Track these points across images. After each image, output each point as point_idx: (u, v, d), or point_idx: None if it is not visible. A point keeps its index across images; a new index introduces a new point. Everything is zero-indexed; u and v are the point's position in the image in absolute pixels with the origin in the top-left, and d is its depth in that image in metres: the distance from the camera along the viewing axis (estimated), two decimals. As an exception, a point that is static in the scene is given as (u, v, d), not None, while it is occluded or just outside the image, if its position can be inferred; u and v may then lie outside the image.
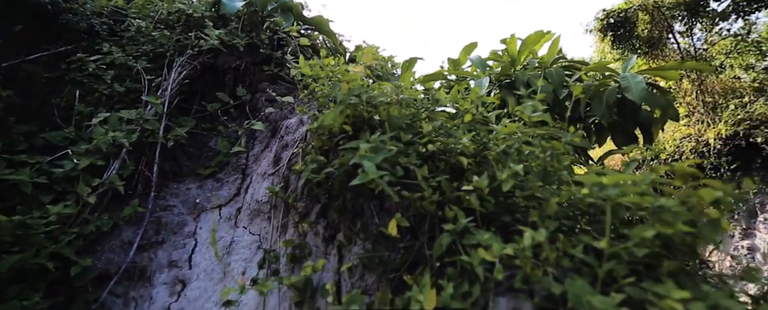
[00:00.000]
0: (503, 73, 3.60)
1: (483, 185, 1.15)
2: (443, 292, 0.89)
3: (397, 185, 1.18)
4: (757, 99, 6.33)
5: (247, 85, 2.41)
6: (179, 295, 1.47)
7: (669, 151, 7.69)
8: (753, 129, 6.18)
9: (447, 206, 1.16)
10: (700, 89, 7.41)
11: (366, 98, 1.38)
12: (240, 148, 1.93)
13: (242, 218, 1.74)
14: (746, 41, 6.90)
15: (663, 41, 7.50)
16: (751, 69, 6.57)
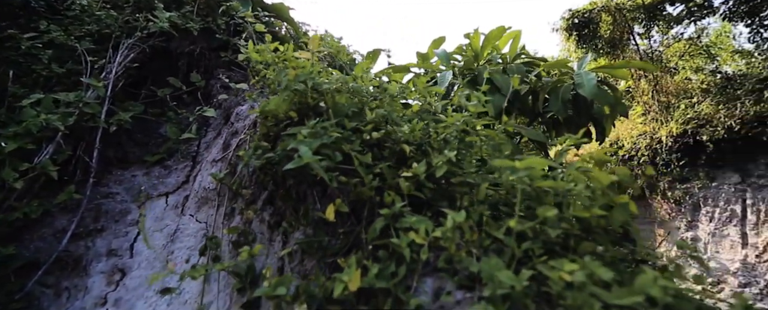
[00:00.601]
0: (467, 68, 3.67)
1: (420, 171, 1.18)
2: (369, 272, 0.91)
3: (337, 171, 1.19)
4: (704, 100, 6.76)
5: (202, 71, 2.34)
6: (118, 284, 1.43)
7: (627, 148, 8.11)
8: (700, 128, 6.61)
9: (386, 192, 1.18)
10: (655, 89, 7.83)
11: (312, 85, 1.38)
12: (190, 135, 1.88)
13: (190, 205, 1.70)
14: (697, 45, 7.34)
15: (624, 42, 7.85)
16: (700, 71, 7.00)
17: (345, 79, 1.54)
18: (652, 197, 7.72)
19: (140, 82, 2.20)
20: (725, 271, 6.08)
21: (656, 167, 7.47)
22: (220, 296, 1.40)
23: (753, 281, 5.59)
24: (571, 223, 1.10)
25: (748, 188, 6.18)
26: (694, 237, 6.84)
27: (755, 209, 6.00)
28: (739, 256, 5.96)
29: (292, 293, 0.99)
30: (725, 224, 6.37)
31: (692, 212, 6.97)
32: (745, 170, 6.26)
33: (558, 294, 0.75)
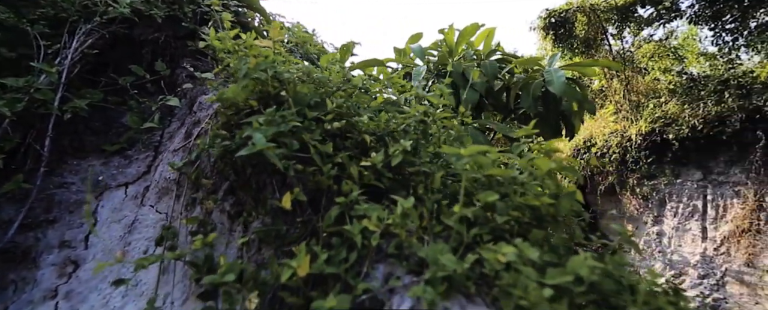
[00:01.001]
0: (441, 63, 3.70)
1: (378, 160, 1.19)
2: (318, 258, 0.92)
3: (294, 159, 1.19)
4: (671, 99, 7.04)
5: (168, 59, 2.28)
6: (70, 276, 1.39)
7: (599, 146, 8.38)
8: (666, 126, 6.89)
9: (344, 181, 1.19)
10: (626, 89, 8.11)
11: (273, 73, 1.36)
12: (153, 125, 1.83)
13: (150, 196, 1.66)
14: (665, 47, 7.63)
15: (598, 42, 8.08)
16: (668, 72, 7.28)
17: (309, 68, 1.53)
18: (622, 193, 8.01)
19: (101, 69, 2.12)
20: (686, 264, 6.39)
21: (626, 165, 7.75)
22: (177, 287, 1.38)
23: (711, 272, 5.90)
24: (522, 211, 1.13)
25: (708, 184, 6.49)
26: (659, 231, 7.16)
27: (715, 205, 6.31)
28: (699, 249, 6.27)
29: (243, 280, 0.98)
30: (688, 218, 6.68)
31: (658, 207, 7.28)
32: (706, 167, 6.57)
33: (495, 276, 0.77)
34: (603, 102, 8.95)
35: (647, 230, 7.35)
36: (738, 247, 5.63)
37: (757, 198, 5.61)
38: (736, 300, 5.35)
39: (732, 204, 6.03)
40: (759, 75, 6.13)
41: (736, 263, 5.57)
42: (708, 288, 5.77)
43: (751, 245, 5.46)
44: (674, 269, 6.51)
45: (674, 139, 6.75)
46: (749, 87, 6.08)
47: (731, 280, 5.55)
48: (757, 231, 5.45)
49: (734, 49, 6.64)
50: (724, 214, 6.13)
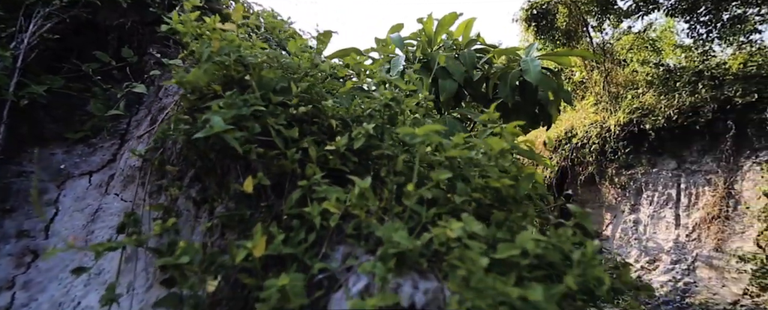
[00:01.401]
0: (420, 53, 3.70)
1: (341, 144, 1.19)
2: (275, 239, 0.91)
3: (256, 143, 1.18)
4: (649, 90, 7.21)
5: (136, 46, 2.21)
6: (29, 266, 1.35)
7: (580, 136, 8.55)
8: (643, 117, 7.06)
9: (307, 165, 1.18)
10: (606, 81, 8.27)
11: (236, 57, 1.34)
12: (118, 112, 1.78)
13: (115, 184, 1.62)
14: (644, 39, 7.78)
15: (579, 34, 8.18)
16: (646, 64, 7.45)
17: (276, 54, 1.51)
18: (601, 183, 8.22)
19: (65, 56, 2.04)
20: (660, 250, 6.62)
21: (605, 155, 7.94)
22: (141, 275, 1.35)
23: (682, 258, 6.13)
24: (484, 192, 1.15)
25: (682, 173, 6.71)
26: (636, 219, 7.38)
27: (688, 193, 6.54)
28: (673, 236, 6.49)
29: (198, 262, 0.97)
30: (662, 206, 6.90)
31: (635, 196, 7.50)
32: (681, 156, 6.78)
33: (446, 251, 0.78)
34: (584, 93, 9.11)
35: (624, 218, 7.57)
36: (708, 233, 5.85)
37: (726, 186, 5.82)
38: (705, 284, 5.58)
39: (703, 192, 6.25)
40: (731, 66, 6.32)
41: (705, 249, 5.79)
42: (679, 273, 6.00)
43: (720, 230, 5.68)
44: (649, 256, 6.74)
45: (650, 129, 6.93)
46: (722, 78, 6.26)
47: (701, 264, 5.78)
48: (726, 217, 5.67)
49: (708, 41, 6.82)
50: (696, 201, 6.35)
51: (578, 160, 8.49)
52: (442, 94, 3.30)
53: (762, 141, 5.44)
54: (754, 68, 5.79)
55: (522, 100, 3.37)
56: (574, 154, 8.53)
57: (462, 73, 3.38)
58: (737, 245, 5.36)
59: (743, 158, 5.67)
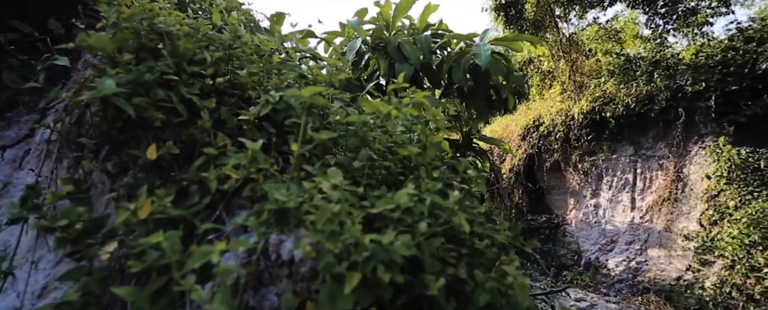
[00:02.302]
0: (377, 37, 3.69)
1: (253, 113, 1.19)
2: (163, 200, 0.91)
3: (165, 111, 1.17)
4: (610, 80, 7.46)
5: (64, 17, 2.12)
6: (-72, 242, 1.29)
7: (546, 124, 8.79)
8: (604, 105, 7.32)
9: (218, 134, 1.18)
10: (572, 70, 8.50)
11: (148, 25, 1.31)
12: (35, 85, 1.70)
13: (30, 159, 1.56)
14: (607, 30, 8.01)
15: (546, 24, 8.34)
16: (608, 54, 7.68)
17: (198, 24, 1.48)
18: (566, 169, 8.50)
19: (-15, 28, 1.93)
20: (617, 232, 6.95)
21: (569, 142, 8.21)
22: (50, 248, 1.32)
23: (636, 238, 6.45)
24: (392, 160, 1.18)
25: (639, 159, 7.02)
26: (596, 204, 7.70)
27: (643, 177, 6.85)
28: (628, 218, 6.82)
29: (81, 227, 0.96)
30: (620, 191, 7.22)
31: (597, 181, 7.81)
32: (638, 143, 7.09)
33: (322, 205, 0.80)
34: (552, 83, 9.34)
35: (586, 202, 7.88)
36: (659, 215, 6.18)
37: (676, 170, 6.14)
38: (654, 262, 5.91)
39: (656, 176, 6.57)
40: (684, 57, 6.60)
41: (656, 229, 6.12)
42: (633, 253, 6.32)
43: (670, 212, 6.01)
44: (607, 238, 7.06)
45: (611, 117, 7.20)
46: (675, 68, 6.54)
47: (652, 244, 6.10)
48: (675, 199, 5.99)
49: (665, 32, 7.10)
50: (650, 185, 6.67)
51: (545, 147, 8.74)
52: (397, 77, 3.31)
53: (708, 127, 5.74)
54: (703, 58, 6.08)
55: (475, 85, 3.43)
56: (541, 141, 8.78)
57: (418, 57, 3.40)
58: (684, 225, 5.69)
59: (691, 144, 5.98)
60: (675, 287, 5.31)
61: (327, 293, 0.68)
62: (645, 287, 5.73)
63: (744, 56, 5.62)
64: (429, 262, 0.88)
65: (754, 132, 5.14)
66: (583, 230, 7.62)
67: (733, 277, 4.33)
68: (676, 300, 5.10)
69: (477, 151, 4.00)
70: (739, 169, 4.82)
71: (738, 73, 5.47)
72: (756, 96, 5.21)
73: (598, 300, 5.83)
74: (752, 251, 4.12)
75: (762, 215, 4.06)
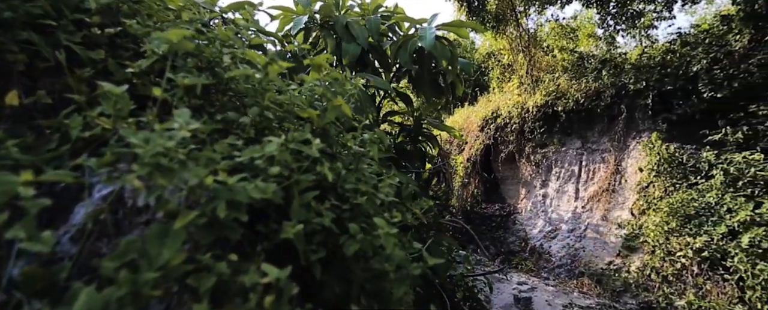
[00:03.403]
0: (326, 14, 3.64)
1: (139, 65, 1.14)
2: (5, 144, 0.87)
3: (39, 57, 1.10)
4: (563, 75, 7.79)
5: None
6: None
7: (504, 116, 9.07)
8: (557, 100, 7.65)
9: (99, 84, 1.12)
10: (530, 65, 8.79)
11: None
12: None
13: None
14: (563, 27, 8.32)
15: (507, 18, 8.53)
16: (563, 50, 8.00)
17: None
18: (520, 160, 8.85)
19: None
20: (561, 220, 7.35)
21: (524, 134, 8.54)
22: None
23: (577, 226, 6.86)
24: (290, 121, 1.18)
25: (585, 151, 7.42)
26: (545, 194, 8.09)
27: (587, 169, 7.26)
28: (572, 207, 7.22)
29: None
30: (566, 181, 7.62)
31: (546, 172, 8.19)
32: (585, 136, 7.48)
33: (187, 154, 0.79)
34: (511, 76, 9.62)
35: (536, 192, 8.26)
36: (598, 205, 6.59)
37: (616, 162, 6.55)
38: (590, 248, 6.31)
39: (599, 168, 6.98)
40: (630, 56, 6.99)
41: (594, 218, 6.53)
42: (573, 240, 6.72)
43: (608, 202, 6.42)
44: (552, 226, 7.46)
45: (562, 111, 7.54)
46: (622, 67, 6.92)
47: (590, 231, 6.51)
48: (613, 190, 6.40)
49: (614, 32, 7.47)
50: (593, 177, 7.08)
51: (501, 138, 9.04)
52: (344, 57, 3.28)
53: (646, 124, 6.14)
54: (646, 59, 6.46)
55: (420, 68, 3.48)
56: (498, 133, 9.07)
57: (366, 37, 3.39)
58: (618, 214, 6.11)
59: (630, 139, 6.39)
60: (605, 271, 5.72)
61: (157, 230, 0.67)
62: (580, 271, 6.13)
63: (680, 59, 6.03)
64: (295, 210, 0.90)
65: (683, 129, 5.56)
66: (531, 218, 8.01)
67: (653, 261, 4.71)
68: (605, 283, 5.49)
69: (427, 137, 4.06)
70: (667, 163, 5.21)
71: (673, 74, 5.86)
72: (687, 96, 5.62)
73: (539, 283, 6.17)
74: (669, 238, 4.49)
75: (680, 204, 4.42)
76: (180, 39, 0.89)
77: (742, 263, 3.26)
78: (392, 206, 1.20)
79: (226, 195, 0.70)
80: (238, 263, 0.68)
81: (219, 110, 1.19)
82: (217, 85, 1.25)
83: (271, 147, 0.85)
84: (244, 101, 1.18)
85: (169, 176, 0.69)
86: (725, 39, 5.46)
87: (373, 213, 1.09)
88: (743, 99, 4.62)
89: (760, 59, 4.61)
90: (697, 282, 4.09)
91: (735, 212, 3.78)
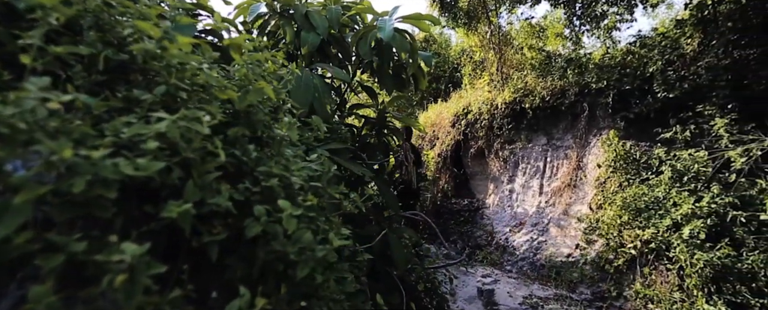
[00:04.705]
0: (285, 2, 3.57)
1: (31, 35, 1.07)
2: None
3: None
4: (531, 73, 7.97)
5: None
6: None
7: (474, 112, 9.20)
8: (524, 97, 7.83)
9: None
10: (500, 62, 8.95)
11: None
12: None
13: None
14: (533, 26, 8.50)
15: (479, 16, 8.64)
16: (532, 49, 8.18)
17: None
18: (489, 156, 9.02)
19: None
20: (526, 215, 7.56)
21: (493, 130, 8.70)
22: None
23: (540, 221, 7.07)
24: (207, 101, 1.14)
25: (550, 148, 7.64)
26: (511, 189, 8.29)
27: (551, 165, 7.48)
28: (536, 202, 7.44)
29: None
30: (532, 177, 7.83)
31: (514, 168, 8.39)
32: (550, 133, 7.70)
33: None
34: (482, 73, 9.77)
35: (503, 188, 8.45)
36: (560, 199, 6.81)
37: (578, 159, 6.78)
38: (552, 241, 6.53)
39: (562, 164, 7.21)
40: (594, 57, 7.23)
41: (557, 212, 6.75)
42: (536, 233, 6.93)
43: (569, 197, 6.64)
44: (517, 220, 7.66)
45: (529, 108, 7.72)
46: (586, 66, 7.15)
47: (552, 225, 6.73)
48: (574, 186, 6.63)
49: (580, 33, 7.70)
50: (557, 172, 7.31)
51: (471, 134, 9.18)
52: (303, 46, 3.23)
53: (606, 121, 6.38)
54: (608, 59, 6.70)
55: (381, 61, 3.47)
56: (468, 129, 9.21)
57: (326, 27, 3.33)
58: (578, 208, 6.33)
59: (591, 136, 6.62)
60: (565, 263, 5.93)
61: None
62: (542, 264, 6.33)
63: (639, 60, 6.28)
64: (189, 190, 0.87)
65: (639, 127, 5.80)
66: (498, 212, 8.19)
67: (607, 253, 4.91)
68: (563, 274, 5.70)
69: (391, 130, 4.05)
70: (622, 159, 5.43)
71: (632, 74, 6.10)
72: (644, 96, 5.86)
73: (502, 276, 6.33)
74: (622, 231, 4.69)
75: (632, 199, 4.62)
76: (55, 4, 0.84)
77: (682, 253, 3.44)
78: (311, 190, 1.19)
79: (88, 170, 0.66)
80: (99, 243, 0.65)
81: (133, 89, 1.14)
82: (132, 62, 1.20)
83: (161, 124, 0.81)
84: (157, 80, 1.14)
85: (9, 147, 0.64)
86: (679, 42, 5.73)
87: (285, 196, 1.07)
88: (692, 100, 4.86)
89: (707, 62, 4.86)
90: (644, 272, 4.30)
91: (679, 206, 3.99)
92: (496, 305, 5.07)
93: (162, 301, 0.71)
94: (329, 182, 1.24)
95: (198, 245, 0.86)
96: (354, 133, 3.66)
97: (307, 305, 1.17)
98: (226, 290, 0.99)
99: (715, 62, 4.67)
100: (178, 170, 0.88)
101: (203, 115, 0.80)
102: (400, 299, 2.71)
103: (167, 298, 0.72)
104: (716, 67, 4.64)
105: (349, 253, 1.94)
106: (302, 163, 1.17)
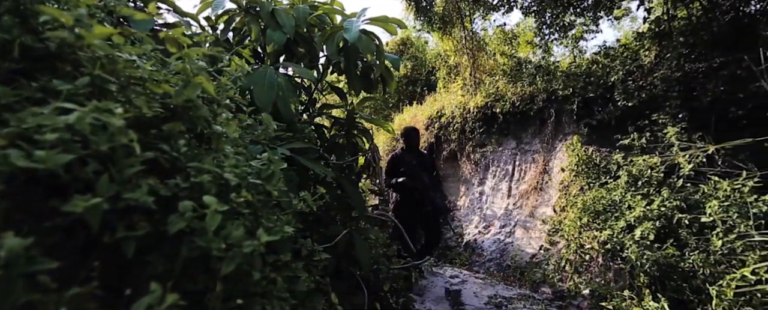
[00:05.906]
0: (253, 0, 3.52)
1: None
2: None
3: None
4: (502, 78, 8.18)
5: None
6: None
7: (447, 115, 9.35)
8: (495, 102, 8.01)
9: None
10: (473, 67, 9.13)
11: None
12: None
13: None
14: (505, 33, 8.73)
15: (454, 20, 8.79)
16: (504, 55, 8.39)
17: None
18: (460, 159, 9.18)
19: None
20: (494, 217, 7.73)
21: (465, 133, 8.86)
22: None
23: (508, 222, 7.25)
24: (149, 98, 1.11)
25: (519, 152, 7.85)
26: (481, 191, 8.46)
27: (520, 169, 7.69)
28: (504, 204, 7.62)
29: None
30: (501, 180, 8.02)
31: (484, 171, 8.56)
32: (519, 137, 7.91)
33: None
34: (456, 77, 9.94)
35: (473, 190, 8.61)
36: (527, 202, 7.00)
37: (545, 162, 6.99)
38: (518, 243, 6.70)
39: (530, 168, 7.42)
40: (562, 64, 7.49)
41: (523, 215, 6.93)
42: (503, 235, 7.09)
43: (536, 199, 6.84)
44: (486, 222, 7.82)
45: (500, 112, 7.91)
46: (554, 73, 7.39)
47: (519, 227, 6.91)
48: (541, 189, 6.83)
49: (549, 41, 7.97)
50: (525, 176, 7.52)
51: (444, 137, 9.32)
52: (268, 45, 3.19)
53: (571, 127, 6.61)
54: (574, 67, 6.95)
55: (347, 62, 3.47)
56: (442, 131, 9.34)
57: (293, 26, 3.30)
58: (544, 210, 6.53)
59: (557, 141, 6.85)
60: (529, 264, 6.09)
61: None
62: (507, 265, 6.48)
63: (602, 69, 6.55)
64: (102, 184, 0.84)
65: (601, 133, 6.05)
66: (468, 214, 8.34)
67: (567, 253, 5.09)
68: (527, 275, 5.86)
69: (360, 131, 4.04)
70: (584, 164, 5.65)
71: (595, 83, 6.35)
72: (606, 104, 6.11)
73: (470, 277, 6.44)
74: (582, 232, 4.87)
75: (592, 202, 4.80)
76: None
77: (633, 253, 3.60)
78: (249, 187, 1.18)
79: (-26, 162, 0.63)
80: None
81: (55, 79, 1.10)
82: (60, 52, 1.16)
83: (71, 116, 0.79)
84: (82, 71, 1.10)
85: None
86: (638, 54, 6.02)
87: (216, 193, 1.06)
88: (648, 108, 5.11)
89: (662, 74, 5.13)
90: (600, 271, 4.48)
91: (633, 209, 4.18)
92: (463, 305, 5.15)
93: (59, 299, 0.69)
94: (269, 179, 1.23)
95: (110, 241, 0.84)
96: (324, 134, 3.64)
97: (245, 303, 1.16)
98: (145, 287, 0.96)
99: (669, 74, 4.93)
100: (95, 164, 0.85)
101: (116, 107, 0.78)
102: (364, 299, 2.71)
103: (66, 296, 0.70)
104: (669, 79, 4.90)
105: (307, 252, 1.93)
106: (243, 160, 1.15)
